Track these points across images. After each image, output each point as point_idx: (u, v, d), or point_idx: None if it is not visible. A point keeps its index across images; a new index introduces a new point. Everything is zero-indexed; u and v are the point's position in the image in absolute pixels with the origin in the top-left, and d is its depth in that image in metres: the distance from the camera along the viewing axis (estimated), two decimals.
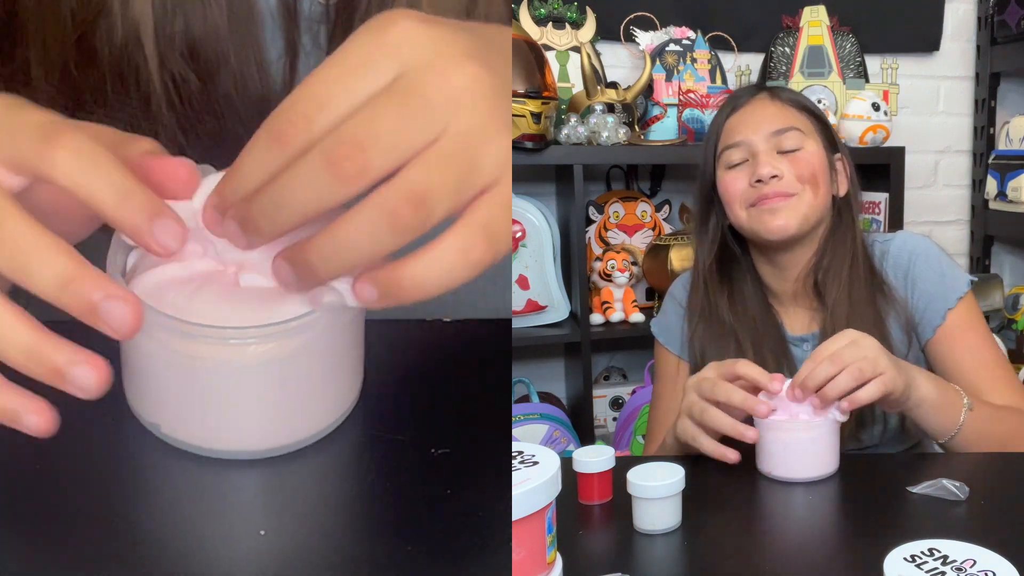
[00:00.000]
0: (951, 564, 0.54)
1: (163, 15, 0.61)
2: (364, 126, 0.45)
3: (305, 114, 0.45)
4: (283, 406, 0.52)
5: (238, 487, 0.52)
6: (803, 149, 1.02)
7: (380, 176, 0.45)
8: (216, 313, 0.49)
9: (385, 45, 0.46)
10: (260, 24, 0.65)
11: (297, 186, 0.45)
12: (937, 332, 1.00)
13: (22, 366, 0.44)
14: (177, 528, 0.49)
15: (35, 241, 0.43)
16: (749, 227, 1.03)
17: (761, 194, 1.00)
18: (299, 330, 0.50)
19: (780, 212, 1.00)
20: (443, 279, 0.46)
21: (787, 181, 1.00)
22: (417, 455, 0.54)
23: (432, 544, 0.48)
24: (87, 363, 0.44)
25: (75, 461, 0.52)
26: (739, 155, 1.03)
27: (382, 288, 0.47)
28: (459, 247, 0.46)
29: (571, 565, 0.55)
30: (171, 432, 0.52)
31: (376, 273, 0.47)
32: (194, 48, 0.63)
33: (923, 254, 1.03)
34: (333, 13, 0.66)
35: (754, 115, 1.05)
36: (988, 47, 2.33)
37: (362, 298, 0.47)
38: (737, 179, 1.03)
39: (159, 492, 0.52)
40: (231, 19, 0.64)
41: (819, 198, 1.02)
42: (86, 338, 0.44)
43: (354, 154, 0.44)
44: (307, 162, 0.45)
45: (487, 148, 0.46)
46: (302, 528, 0.50)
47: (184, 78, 0.63)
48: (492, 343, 0.62)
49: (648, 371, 1.95)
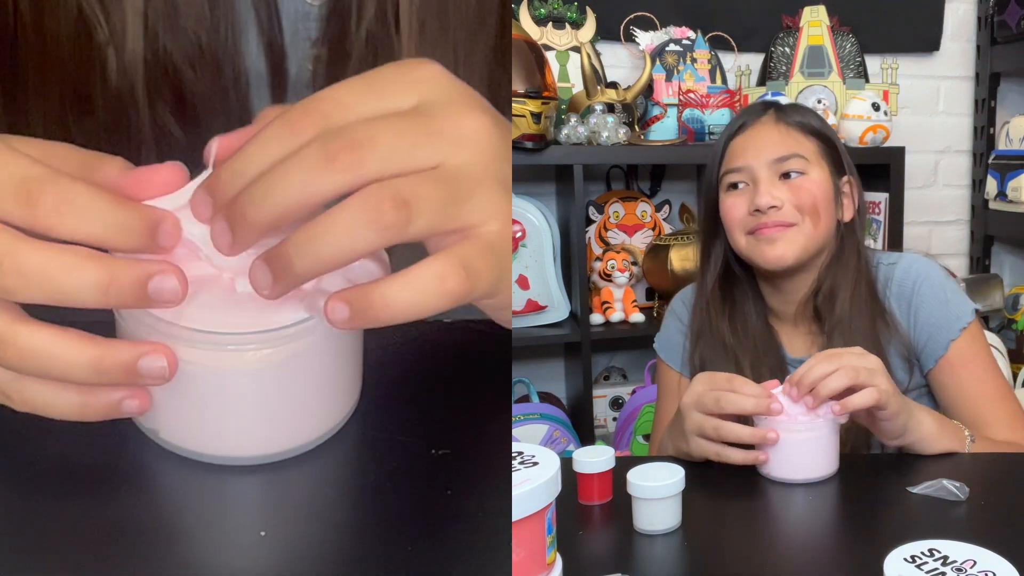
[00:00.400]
0: (951, 565, 0.54)
1: (155, 67, 0.63)
2: (369, 129, 0.46)
3: (323, 111, 0.46)
4: (282, 412, 0.52)
5: (238, 490, 0.52)
6: (806, 176, 1.01)
7: (373, 178, 0.45)
8: (214, 319, 0.49)
9: (410, 79, 0.49)
10: (248, 87, 0.67)
11: (290, 171, 0.45)
12: (940, 362, 1.00)
13: (93, 380, 0.46)
14: (176, 532, 0.49)
15: (57, 259, 0.43)
16: (748, 255, 1.03)
17: (759, 223, 1.00)
18: (298, 336, 0.50)
19: (778, 242, 0.99)
20: (415, 304, 0.46)
21: (786, 211, 0.99)
22: (417, 456, 0.54)
23: (432, 544, 0.48)
24: (152, 352, 0.46)
25: (73, 466, 0.52)
26: (740, 179, 1.03)
27: (353, 307, 0.46)
28: (435, 274, 0.46)
29: (571, 565, 0.55)
30: (169, 438, 0.52)
31: (348, 292, 0.46)
32: (183, 105, 0.65)
33: (926, 281, 1.01)
34: (322, 79, 0.68)
35: (757, 139, 1.04)
36: (988, 47, 2.33)
37: (333, 318, 0.46)
38: (737, 205, 1.02)
39: (158, 497, 0.52)
40: (220, 82, 0.66)
41: (820, 228, 1.01)
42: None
43: (352, 149, 0.45)
44: (305, 149, 0.45)
45: (480, 192, 0.47)
46: (302, 529, 0.50)
47: (172, 132, 0.65)
48: (492, 343, 0.62)
49: (648, 371, 1.95)
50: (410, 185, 0.45)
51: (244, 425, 0.52)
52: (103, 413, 0.48)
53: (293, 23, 0.67)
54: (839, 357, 0.81)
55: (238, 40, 0.66)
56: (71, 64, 0.63)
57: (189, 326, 0.48)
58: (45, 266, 0.43)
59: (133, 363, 0.46)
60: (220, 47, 0.65)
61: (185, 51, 0.64)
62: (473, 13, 0.67)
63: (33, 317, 0.45)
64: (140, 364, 0.46)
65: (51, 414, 0.48)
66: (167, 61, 0.64)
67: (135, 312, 0.49)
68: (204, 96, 0.65)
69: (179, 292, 0.46)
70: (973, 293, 2.11)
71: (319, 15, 0.67)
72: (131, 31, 0.62)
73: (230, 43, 0.65)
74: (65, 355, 0.44)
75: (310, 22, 0.67)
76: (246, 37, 0.66)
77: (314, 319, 0.50)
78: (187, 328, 0.48)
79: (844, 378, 0.79)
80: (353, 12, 0.65)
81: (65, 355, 0.44)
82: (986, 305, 2.13)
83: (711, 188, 1.07)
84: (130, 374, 0.46)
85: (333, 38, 0.67)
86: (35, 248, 0.43)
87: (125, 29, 0.62)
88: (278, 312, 0.50)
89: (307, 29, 0.67)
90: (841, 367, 0.80)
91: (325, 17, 0.67)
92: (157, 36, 0.63)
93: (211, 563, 0.47)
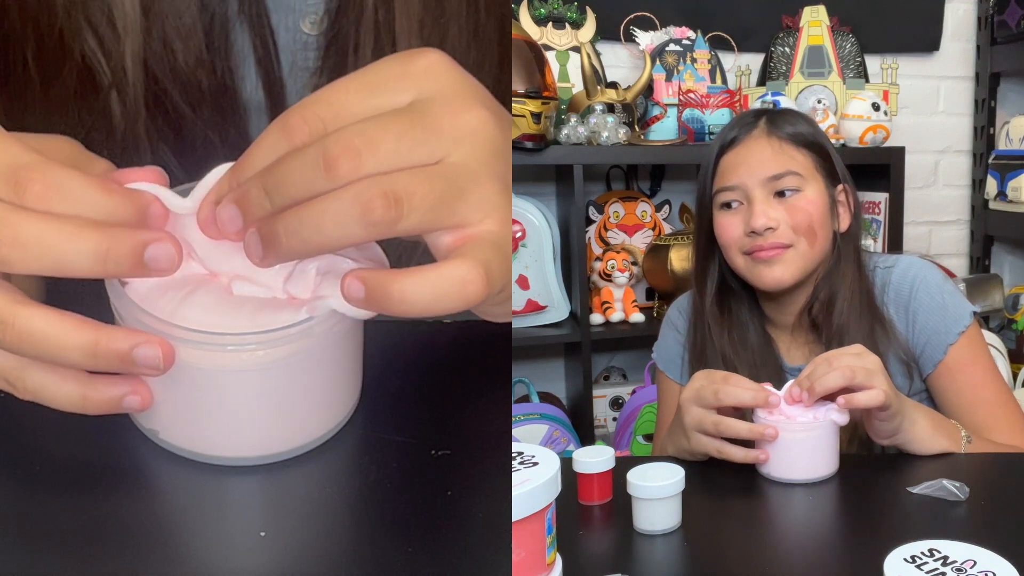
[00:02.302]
0: (951, 565, 0.54)
1: (156, 109, 0.64)
2: (367, 132, 0.46)
3: (318, 114, 0.47)
4: (282, 413, 0.52)
5: (238, 489, 0.52)
6: (801, 194, 1.00)
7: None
8: (214, 319, 0.49)
9: (408, 73, 0.48)
10: (247, 120, 0.67)
11: (290, 173, 0.45)
12: (938, 367, 0.99)
13: (88, 365, 0.46)
14: (175, 532, 0.49)
15: (55, 228, 0.44)
16: (745, 275, 1.03)
17: (756, 244, 0.99)
18: (297, 337, 0.50)
19: (776, 265, 0.99)
20: (433, 302, 0.46)
21: (782, 231, 0.98)
22: (417, 456, 0.54)
23: (432, 545, 0.48)
24: (148, 342, 0.46)
25: (73, 466, 0.52)
26: (734, 198, 1.02)
27: (369, 288, 0.46)
28: (460, 277, 0.46)
29: (571, 565, 0.55)
30: (169, 438, 0.52)
31: (368, 273, 0.46)
32: (182, 143, 0.66)
33: (924, 285, 1.01)
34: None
35: (750, 156, 1.02)
36: (988, 47, 2.33)
37: (348, 294, 0.46)
38: (732, 225, 1.01)
39: (157, 497, 0.52)
40: (220, 118, 0.66)
41: (816, 248, 1.00)
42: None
43: (350, 155, 0.45)
44: (304, 154, 0.45)
45: (477, 188, 0.47)
46: (303, 529, 0.50)
47: (173, 172, 0.66)
48: (492, 343, 0.62)
49: (648, 371, 1.95)
50: (404, 182, 0.45)
51: (244, 426, 0.52)
52: (104, 407, 0.48)
53: (291, 54, 0.67)
54: (837, 358, 0.81)
55: (235, 75, 0.66)
56: (77, 109, 0.64)
57: (189, 326, 0.48)
58: (43, 235, 0.43)
59: (128, 351, 0.46)
60: (218, 84, 0.65)
61: (185, 91, 0.64)
62: (473, 35, 0.66)
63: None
64: (135, 353, 0.46)
65: (52, 403, 0.48)
66: (168, 102, 0.64)
67: (133, 312, 0.49)
68: (204, 133, 0.66)
69: (175, 260, 0.46)
70: (973, 293, 2.11)
71: (317, 44, 0.67)
72: (132, 74, 0.62)
73: (228, 79, 0.66)
74: (62, 337, 0.44)
75: (308, 51, 0.67)
76: (244, 71, 0.66)
77: (314, 320, 0.50)
78: (187, 328, 0.48)
79: (840, 377, 0.79)
80: (351, 39, 0.65)
81: (62, 337, 0.44)
82: (986, 305, 2.13)
83: (704, 208, 1.06)
84: (125, 361, 0.46)
85: (332, 66, 0.66)
86: (32, 218, 0.44)
87: (126, 72, 0.62)
88: (278, 313, 0.50)
89: (305, 59, 0.67)
90: (838, 367, 0.80)
91: (323, 46, 0.67)
92: (157, 79, 0.64)
93: (211, 563, 0.48)
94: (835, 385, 0.79)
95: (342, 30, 0.65)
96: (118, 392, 0.48)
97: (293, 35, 0.67)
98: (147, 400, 0.49)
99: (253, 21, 0.65)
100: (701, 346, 1.07)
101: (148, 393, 0.49)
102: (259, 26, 0.66)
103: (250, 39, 0.66)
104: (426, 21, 0.64)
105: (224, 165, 0.50)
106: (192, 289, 0.50)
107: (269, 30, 0.66)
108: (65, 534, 0.48)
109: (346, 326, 0.52)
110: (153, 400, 0.49)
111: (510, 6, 0.70)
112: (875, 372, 0.81)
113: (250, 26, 0.65)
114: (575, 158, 1.80)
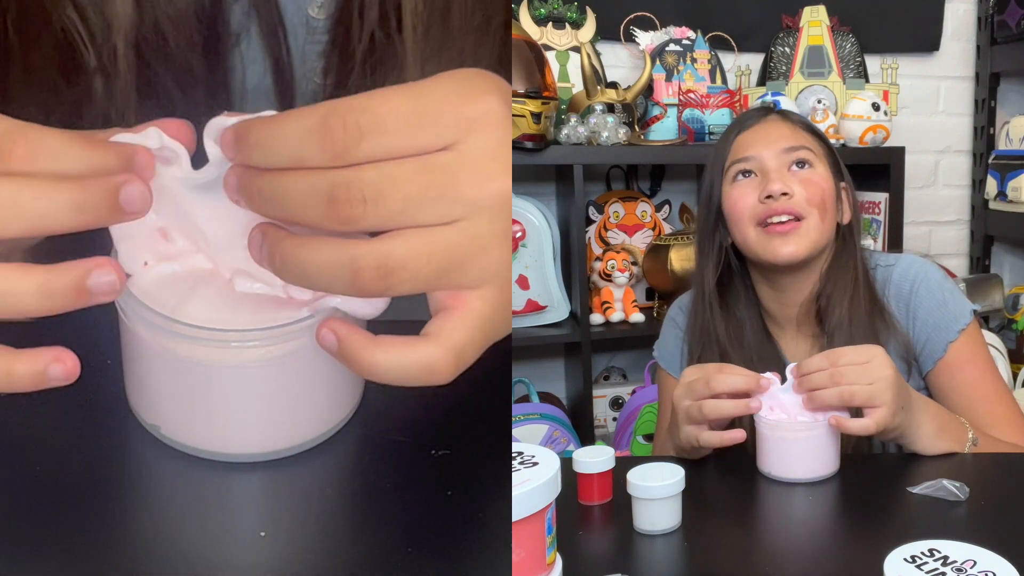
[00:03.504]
0: (951, 565, 0.54)
1: (147, 95, 0.63)
2: (381, 181, 0.45)
3: (359, 124, 0.45)
4: (284, 410, 0.52)
5: (239, 489, 0.52)
6: (814, 170, 1.01)
7: (373, 229, 0.46)
8: (216, 316, 0.49)
9: (462, 116, 0.47)
10: (250, 105, 0.67)
11: (295, 195, 0.45)
12: (938, 364, 0.99)
13: (44, 307, 0.45)
14: (177, 529, 0.49)
15: (28, 186, 0.44)
16: (757, 248, 1.01)
17: (771, 210, 0.98)
18: (300, 333, 0.50)
19: (791, 239, 0.98)
20: (399, 379, 0.48)
21: (797, 200, 0.98)
22: (417, 456, 0.54)
23: (432, 544, 0.48)
24: (98, 267, 0.45)
25: (76, 462, 0.52)
26: (749, 168, 1.02)
27: (342, 348, 0.48)
28: (427, 363, 0.47)
29: (571, 565, 0.55)
30: (171, 434, 0.52)
31: (345, 331, 0.48)
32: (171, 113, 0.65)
33: (924, 283, 1.01)
34: (330, 89, 0.67)
35: (767, 133, 1.04)
36: (988, 47, 2.33)
37: (323, 343, 0.48)
38: (745, 195, 1.01)
39: (160, 493, 0.52)
40: (212, 96, 0.65)
41: (826, 223, 1.00)
42: (91, 336, 0.44)
43: (356, 204, 0.45)
44: (314, 181, 0.45)
45: (482, 257, 0.47)
46: (303, 529, 0.50)
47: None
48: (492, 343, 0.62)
49: (648, 371, 1.95)
50: (400, 253, 0.45)
51: (245, 422, 0.52)
52: (30, 382, 0.46)
53: (299, 39, 0.67)
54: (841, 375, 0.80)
55: (244, 59, 0.66)
56: (60, 89, 0.63)
57: (192, 323, 0.48)
58: (18, 195, 0.43)
59: (82, 281, 0.45)
60: (217, 68, 0.65)
61: (175, 74, 0.64)
62: (477, 18, 0.66)
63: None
64: (89, 282, 0.45)
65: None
66: (159, 85, 0.63)
67: (136, 308, 0.49)
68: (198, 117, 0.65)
69: (148, 198, 0.46)
70: (973, 293, 2.11)
71: (325, 27, 0.67)
72: (122, 58, 0.62)
73: (229, 63, 0.65)
74: (13, 285, 0.44)
75: (316, 35, 0.67)
76: (252, 56, 0.66)
77: (316, 317, 0.50)
78: (190, 325, 0.48)
79: (835, 399, 0.80)
80: (356, 20, 0.65)
81: (13, 285, 0.44)
82: (986, 305, 2.13)
83: (714, 193, 1.06)
84: (80, 292, 0.45)
85: (339, 48, 0.66)
86: (6, 180, 0.44)
87: (116, 56, 0.62)
88: (280, 310, 0.50)
89: (313, 43, 0.67)
90: (838, 384, 0.80)
91: (331, 29, 0.67)
92: (148, 64, 0.63)
93: (211, 563, 0.48)
94: (832, 405, 0.80)
95: (347, 13, 0.65)
96: (41, 363, 0.46)
97: (303, 21, 0.67)
98: (72, 369, 0.46)
99: (261, 6, 0.65)
100: (699, 330, 1.07)
101: (72, 361, 0.46)
102: (267, 11, 0.65)
103: (258, 24, 0.65)
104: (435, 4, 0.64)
105: (223, 118, 0.48)
106: (195, 285, 0.51)
107: (278, 15, 0.66)
108: (65, 530, 0.48)
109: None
110: (79, 369, 0.46)
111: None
112: (878, 392, 0.80)
113: (258, 11, 0.65)
114: (575, 158, 1.80)
